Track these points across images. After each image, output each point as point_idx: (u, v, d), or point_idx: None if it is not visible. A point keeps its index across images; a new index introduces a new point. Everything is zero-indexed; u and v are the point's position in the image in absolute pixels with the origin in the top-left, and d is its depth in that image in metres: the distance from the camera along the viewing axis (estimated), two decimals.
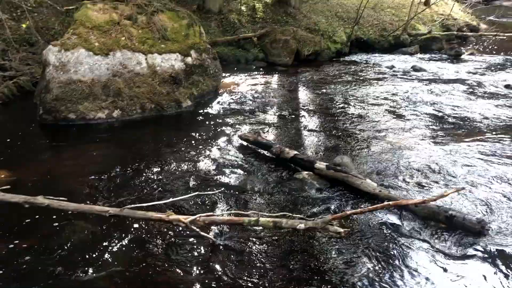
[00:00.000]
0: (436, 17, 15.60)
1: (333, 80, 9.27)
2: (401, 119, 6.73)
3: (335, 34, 12.16)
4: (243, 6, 12.36)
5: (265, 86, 8.67)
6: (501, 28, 15.42)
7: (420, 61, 11.42)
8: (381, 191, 4.09)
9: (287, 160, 4.95)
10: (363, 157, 5.30)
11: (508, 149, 5.46)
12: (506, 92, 8.25)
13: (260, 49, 10.92)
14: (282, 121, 6.68)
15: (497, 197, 4.22)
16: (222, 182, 4.58)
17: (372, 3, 14.18)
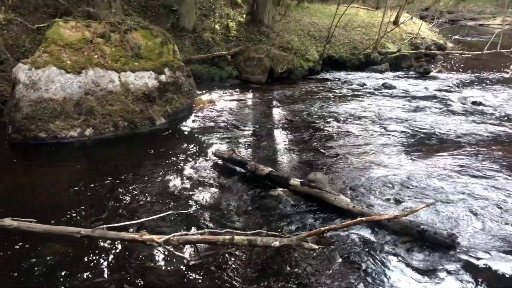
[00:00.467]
0: (405, 36, 16.09)
1: (307, 97, 9.40)
2: (373, 135, 6.86)
3: (307, 53, 12.37)
4: (217, 25, 12.47)
5: (239, 103, 8.72)
6: (466, 47, 16.01)
7: (391, 79, 11.72)
8: (354, 206, 4.15)
9: (262, 177, 4.97)
10: (337, 173, 5.37)
11: (476, 163, 5.63)
12: (473, 108, 8.54)
13: (234, 67, 11.00)
14: (257, 138, 6.71)
15: (466, 211, 4.34)
16: (196, 200, 4.56)
17: (343, 23, 14.52)
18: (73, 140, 6.08)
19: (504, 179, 5.15)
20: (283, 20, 14.21)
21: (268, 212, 4.31)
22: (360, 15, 17.41)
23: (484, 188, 4.89)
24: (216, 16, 13.11)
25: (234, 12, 13.84)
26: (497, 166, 5.54)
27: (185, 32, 11.35)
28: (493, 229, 4.01)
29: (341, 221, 3.97)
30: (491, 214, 4.29)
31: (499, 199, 4.61)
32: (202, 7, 13.18)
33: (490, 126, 7.36)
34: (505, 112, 8.29)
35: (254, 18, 12.99)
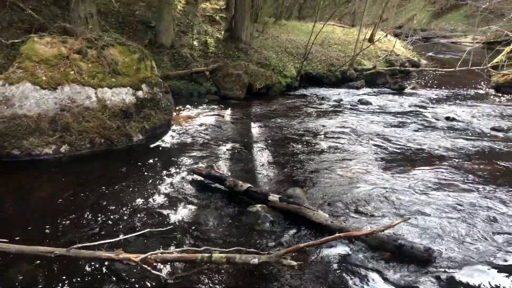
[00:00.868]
0: (380, 53, 16.46)
1: (285, 113, 9.47)
2: (350, 150, 6.94)
3: (285, 69, 12.51)
4: (195, 41, 12.51)
5: (218, 119, 8.72)
6: (439, 64, 16.46)
7: (367, 95, 11.93)
8: (332, 222, 4.17)
9: (240, 193, 4.96)
10: (315, 188, 5.40)
11: (451, 177, 5.75)
12: (447, 124, 8.74)
13: (212, 83, 11.03)
14: (236, 154, 6.71)
15: (443, 225, 4.40)
16: (174, 217, 4.51)
17: (319, 40, 14.76)
18: (48, 157, 5.96)
19: (478, 193, 5.26)
20: (261, 37, 14.37)
21: (247, 229, 4.29)
22: (336, 33, 17.75)
23: (459, 201, 4.98)
24: (194, 32, 13.17)
25: (213, 29, 13.93)
26: (471, 180, 5.66)
27: (163, 48, 11.34)
28: (470, 242, 4.08)
29: (320, 237, 3.97)
30: (467, 227, 4.37)
31: (474, 213, 4.70)
32: (180, 23, 13.22)
33: (464, 140, 7.53)
34: (477, 127, 8.51)
35: (232, 34, 13.10)
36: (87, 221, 4.32)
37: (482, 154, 6.86)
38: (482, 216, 4.62)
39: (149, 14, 13.01)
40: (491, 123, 8.83)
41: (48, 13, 10.53)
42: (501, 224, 4.46)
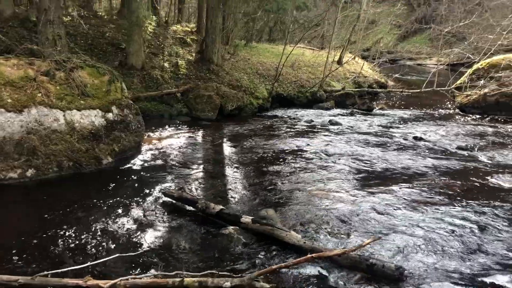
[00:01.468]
0: (349, 75, 16.84)
1: (256, 134, 9.51)
2: (321, 170, 7.00)
3: (257, 90, 12.62)
4: (166, 63, 12.51)
5: (189, 140, 8.67)
6: (406, 85, 16.97)
7: (336, 116, 12.14)
8: (305, 242, 4.17)
9: (213, 216, 4.91)
10: (288, 208, 5.40)
11: (421, 196, 5.86)
12: (415, 143, 8.95)
13: (184, 105, 11.02)
14: (207, 175, 6.67)
15: (412, 243, 4.47)
16: (145, 241, 4.41)
17: (290, 62, 14.99)
18: (12, 182, 5.76)
19: (447, 210, 5.37)
20: (232, 59, 14.49)
21: (219, 252, 4.24)
22: (306, 55, 18.08)
23: (428, 219, 5.08)
24: (165, 54, 13.18)
25: (184, 51, 13.97)
26: (440, 198, 5.79)
27: (133, 70, 11.28)
28: (439, 260, 4.14)
29: (293, 258, 3.96)
30: (436, 245, 4.44)
31: (443, 230, 4.79)
32: (151, 45, 13.21)
33: (432, 159, 7.72)
34: (444, 146, 8.75)
35: (203, 56, 13.17)
36: (54, 248, 4.17)
37: (450, 172, 7.04)
38: (451, 234, 4.71)
39: (119, 36, 12.96)
40: (456, 142, 9.10)
41: (15, 35, 10.36)
42: (470, 241, 4.55)
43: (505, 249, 4.40)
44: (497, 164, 7.55)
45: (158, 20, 15.84)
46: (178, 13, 18.84)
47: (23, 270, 3.70)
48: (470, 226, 4.91)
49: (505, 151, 8.40)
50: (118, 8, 15.42)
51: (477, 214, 5.26)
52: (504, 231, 4.83)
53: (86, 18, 13.22)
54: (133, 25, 10.98)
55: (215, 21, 12.64)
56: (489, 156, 8.03)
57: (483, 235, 4.70)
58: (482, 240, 4.59)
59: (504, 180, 6.66)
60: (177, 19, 18.32)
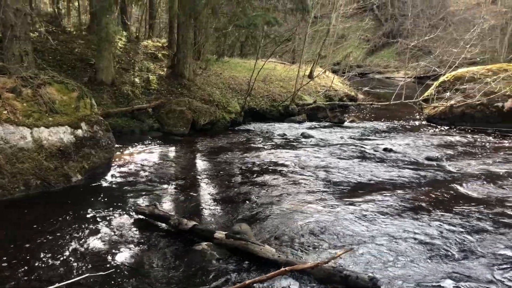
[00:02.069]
0: (320, 89, 17.09)
1: (229, 148, 9.50)
2: (294, 184, 7.03)
3: (229, 105, 12.65)
4: (137, 78, 12.41)
5: (161, 156, 8.58)
6: (375, 98, 17.34)
7: (308, 129, 12.26)
8: (279, 256, 4.16)
9: (186, 232, 4.85)
10: (262, 222, 5.39)
11: (392, 206, 5.95)
12: (385, 155, 9.11)
13: (155, 120, 10.93)
14: (180, 191, 6.60)
15: (385, 253, 4.52)
16: (116, 260, 4.31)
17: (262, 76, 15.11)
18: None
19: (418, 220, 5.47)
20: (204, 74, 14.50)
21: (193, 268, 4.18)
22: (278, 70, 18.27)
23: (400, 230, 5.15)
24: (136, 69, 13.07)
25: (155, 66, 13.90)
26: (411, 208, 5.90)
27: (103, 85, 11.14)
28: (411, 270, 4.20)
29: (267, 272, 3.94)
30: (408, 255, 4.50)
31: (414, 240, 4.86)
32: (121, 61, 13.10)
33: (401, 170, 7.87)
34: (413, 157, 8.94)
35: (174, 71, 13.13)
36: (20, 269, 4.02)
37: (419, 183, 7.18)
38: (422, 243, 4.80)
39: (89, 51, 12.80)
40: (425, 153, 9.31)
41: None
42: (439, 250, 4.64)
43: (472, 257, 4.50)
44: (464, 173, 7.75)
45: (129, 36, 15.73)
46: (149, 29, 18.77)
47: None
48: (439, 236, 5.01)
49: (472, 161, 8.64)
50: (87, 24, 15.25)
51: (446, 224, 5.37)
52: (471, 240, 4.94)
53: (54, 34, 13.02)
54: (102, 40, 10.86)
55: (186, 36, 12.65)
56: (457, 166, 8.24)
57: (452, 244, 4.80)
58: (450, 249, 4.68)
59: (472, 190, 6.84)
60: (148, 34, 18.25)
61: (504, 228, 5.28)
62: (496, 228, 5.27)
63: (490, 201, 6.28)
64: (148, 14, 18.56)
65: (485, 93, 12.43)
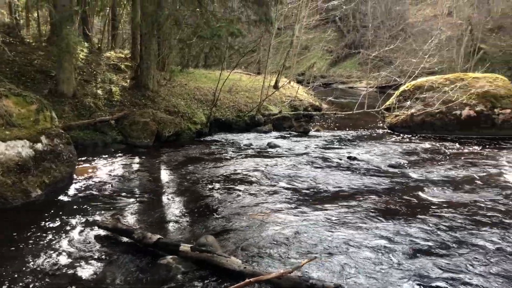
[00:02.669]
0: (285, 99, 17.25)
1: (195, 159, 9.42)
2: (261, 193, 7.04)
3: (194, 116, 12.58)
4: (100, 90, 12.18)
5: (125, 168, 8.42)
6: (339, 107, 17.67)
7: (275, 138, 12.33)
8: (246, 267, 4.13)
9: (150, 245, 4.75)
10: (229, 234, 5.36)
11: (357, 214, 6.04)
12: (349, 163, 9.26)
13: (118, 132, 10.73)
14: (145, 204, 6.48)
15: (350, 261, 4.57)
16: (77, 277, 4.17)
17: (227, 87, 15.13)
18: None
19: (381, 227, 5.57)
20: (169, 85, 14.39)
21: (157, 283, 4.10)
22: (243, 80, 18.35)
23: (365, 237, 5.23)
24: (98, 81, 12.83)
25: (118, 77, 13.68)
26: (374, 215, 6.00)
27: (64, 98, 10.86)
28: (376, 277, 4.26)
29: (233, 284, 3.90)
30: (373, 262, 4.57)
31: (378, 247, 4.95)
32: (83, 72, 12.82)
33: (365, 178, 8.01)
34: (376, 165, 9.13)
35: (138, 83, 12.97)
36: None
37: (383, 190, 7.33)
38: (385, 249, 4.88)
39: (49, 63, 12.47)
40: (388, 160, 9.53)
41: None
42: (402, 257, 4.73)
43: (435, 263, 4.61)
44: (426, 180, 7.97)
45: (91, 47, 15.44)
46: (112, 40, 18.49)
47: None
48: (402, 242, 5.12)
49: (433, 168, 8.90)
50: (47, 35, 14.87)
51: (409, 230, 5.50)
52: (433, 245, 5.08)
53: (12, 45, 12.61)
54: (63, 51, 10.61)
55: (149, 47, 12.54)
56: (418, 173, 8.46)
57: (415, 250, 4.91)
58: (413, 254, 4.79)
59: (433, 195, 7.04)
60: (111, 45, 17.97)
61: (464, 231, 5.45)
62: (456, 232, 5.43)
63: (450, 206, 6.48)
64: (111, 25, 18.29)
65: (444, 102, 12.88)
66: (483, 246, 5.02)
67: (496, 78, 13.75)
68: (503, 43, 28.26)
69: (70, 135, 7.84)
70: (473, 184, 7.71)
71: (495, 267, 4.50)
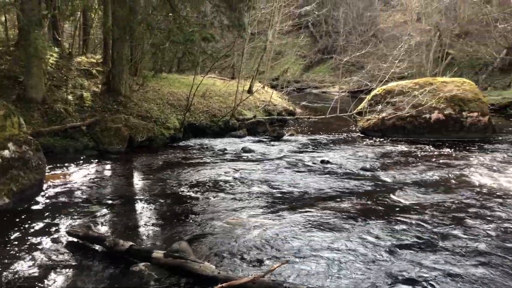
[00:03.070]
0: (259, 104, 17.30)
1: (168, 165, 9.34)
2: (236, 198, 7.03)
3: (168, 121, 12.48)
4: (70, 95, 11.95)
5: (97, 175, 8.28)
6: (312, 112, 17.84)
7: (249, 143, 12.34)
8: (219, 273, 4.11)
9: (123, 253, 4.68)
10: (203, 239, 5.33)
11: (330, 217, 6.10)
12: (322, 167, 9.36)
13: (90, 138, 10.54)
14: (117, 211, 6.38)
15: (323, 264, 4.62)
16: (46, 287, 4.08)
17: (201, 92, 15.08)
18: None
19: (354, 229, 5.64)
20: (142, 90, 14.23)
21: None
22: (217, 85, 18.33)
23: (337, 240, 5.29)
24: (69, 86, 12.59)
25: (89, 83, 13.45)
26: (347, 218, 6.07)
27: (33, 103, 10.61)
28: (348, 279, 4.31)
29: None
30: (345, 264, 4.63)
31: (351, 249, 5.01)
32: (53, 78, 12.56)
33: (338, 182, 8.11)
34: (349, 168, 9.25)
35: (110, 88, 12.79)
36: None
37: (355, 193, 7.43)
38: (357, 252, 4.95)
39: (17, 68, 12.17)
40: (360, 163, 9.67)
41: None
42: (376, 258, 4.81)
43: (407, 264, 4.70)
44: (397, 182, 8.13)
45: (61, 52, 15.14)
46: (83, 45, 18.18)
47: None
48: (374, 245, 5.19)
49: (403, 170, 9.08)
50: (15, 39, 14.51)
51: (381, 232, 5.59)
52: (404, 247, 5.17)
53: None
54: (31, 56, 10.38)
55: (121, 52, 12.39)
56: (390, 175, 8.62)
57: (386, 253, 4.99)
58: (385, 257, 4.87)
59: (404, 197, 7.18)
60: (82, 50, 17.66)
61: (434, 231, 5.58)
62: (425, 233, 5.56)
63: (421, 207, 6.62)
64: (82, 30, 17.98)
65: (414, 106, 13.17)
66: (452, 247, 5.14)
67: (464, 82, 14.15)
68: (469, 49, 29.13)
69: (40, 141, 7.65)
70: (442, 185, 7.90)
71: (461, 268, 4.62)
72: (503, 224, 5.89)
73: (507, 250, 5.03)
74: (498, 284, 4.26)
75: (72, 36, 18.48)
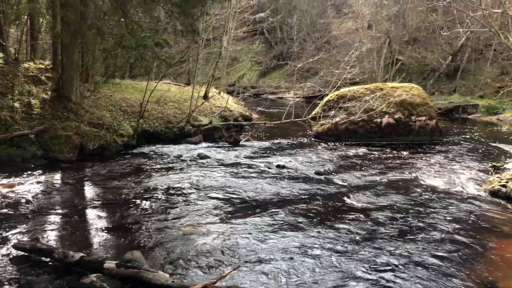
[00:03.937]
0: (215, 109, 17.25)
1: (121, 173, 9.14)
2: (191, 205, 6.98)
3: (120, 128, 12.21)
4: (17, 103, 11.46)
5: (46, 185, 7.97)
6: (268, 117, 17.98)
7: (205, 149, 12.28)
8: (173, 281, 4.07)
9: (73, 264, 4.54)
10: (157, 248, 5.26)
11: (283, 222, 6.18)
12: (278, 171, 9.45)
13: (39, 146, 10.14)
14: (67, 221, 6.18)
15: (276, 268, 4.66)
16: None
17: (155, 98, 14.87)
18: None
19: (308, 233, 5.74)
20: (93, 96, 13.85)
21: None
22: (172, 91, 18.10)
23: (292, 243, 5.37)
24: (15, 93, 12.06)
25: (38, 89, 12.95)
26: (301, 222, 6.18)
27: None
28: (304, 282, 4.37)
29: None
30: (299, 268, 4.70)
31: (305, 253, 5.09)
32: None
33: (293, 186, 8.22)
34: (304, 172, 9.40)
35: (60, 95, 12.35)
36: None
37: (310, 196, 7.56)
38: (312, 255, 5.04)
39: None
40: (314, 168, 9.84)
41: None
42: (330, 260, 4.91)
43: (360, 266, 4.83)
44: (350, 185, 8.34)
45: (6, 57, 14.51)
46: (31, 50, 17.50)
47: None
48: (328, 247, 5.31)
49: (356, 173, 9.33)
50: None
51: (334, 234, 5.72)
52: (357, 248, 5.31)
53: None
54: None
55: (72, 57, 12.02)
56: (343, 179, 8.83)
57: (340, 254, 5.11)
58: (338, 258, 4.99)
59: (357, 200, 7.38)
60: (30, 56, 17.00)
61: (381, 233, 5.76)
62: (376, 232, 5.73)
63: (372, 208, 6.83)
64: (30, 34, 17.31)
65: (365, 110, 13.56)
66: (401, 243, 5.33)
67: (412, 87, 14.74)
68: (418, 55, 30.39)
69: None
70: (392, 187, 8.19)
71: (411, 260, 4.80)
72: (445, 220, 6.18)
73: (453, 242, 5.28)
74: (448, 272, 4.46)
75: (19, 41, 17.76)
